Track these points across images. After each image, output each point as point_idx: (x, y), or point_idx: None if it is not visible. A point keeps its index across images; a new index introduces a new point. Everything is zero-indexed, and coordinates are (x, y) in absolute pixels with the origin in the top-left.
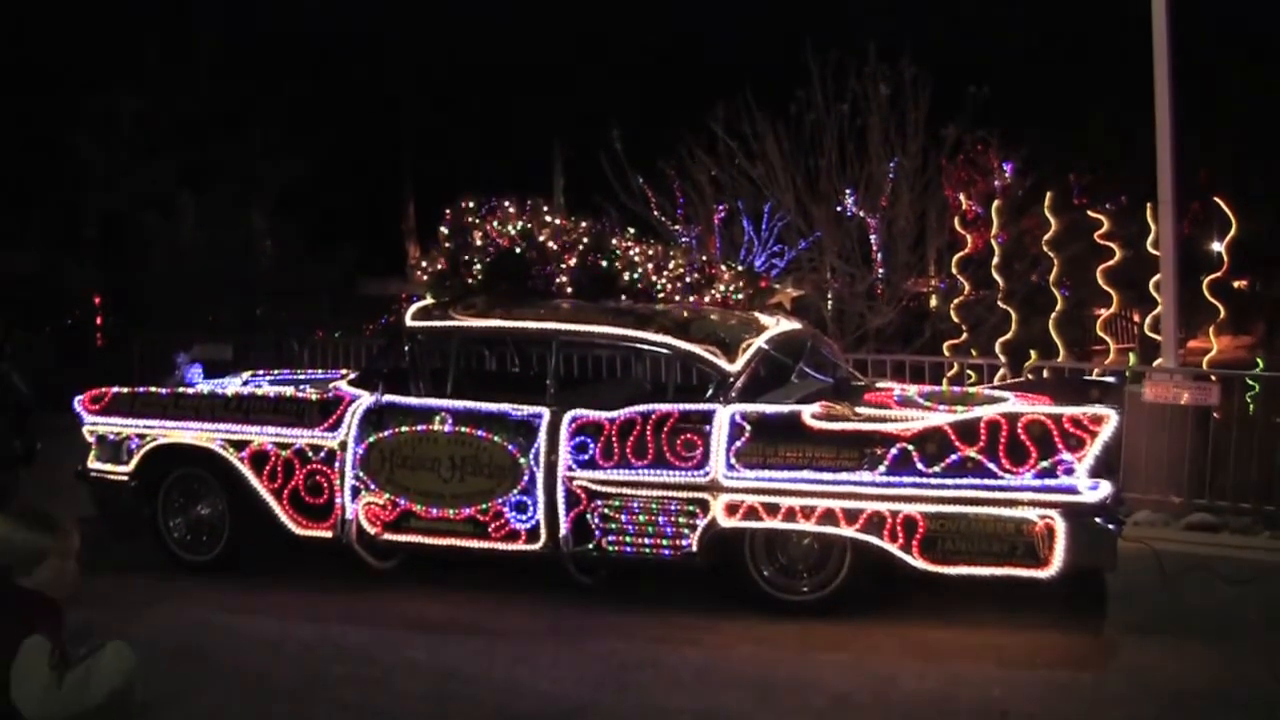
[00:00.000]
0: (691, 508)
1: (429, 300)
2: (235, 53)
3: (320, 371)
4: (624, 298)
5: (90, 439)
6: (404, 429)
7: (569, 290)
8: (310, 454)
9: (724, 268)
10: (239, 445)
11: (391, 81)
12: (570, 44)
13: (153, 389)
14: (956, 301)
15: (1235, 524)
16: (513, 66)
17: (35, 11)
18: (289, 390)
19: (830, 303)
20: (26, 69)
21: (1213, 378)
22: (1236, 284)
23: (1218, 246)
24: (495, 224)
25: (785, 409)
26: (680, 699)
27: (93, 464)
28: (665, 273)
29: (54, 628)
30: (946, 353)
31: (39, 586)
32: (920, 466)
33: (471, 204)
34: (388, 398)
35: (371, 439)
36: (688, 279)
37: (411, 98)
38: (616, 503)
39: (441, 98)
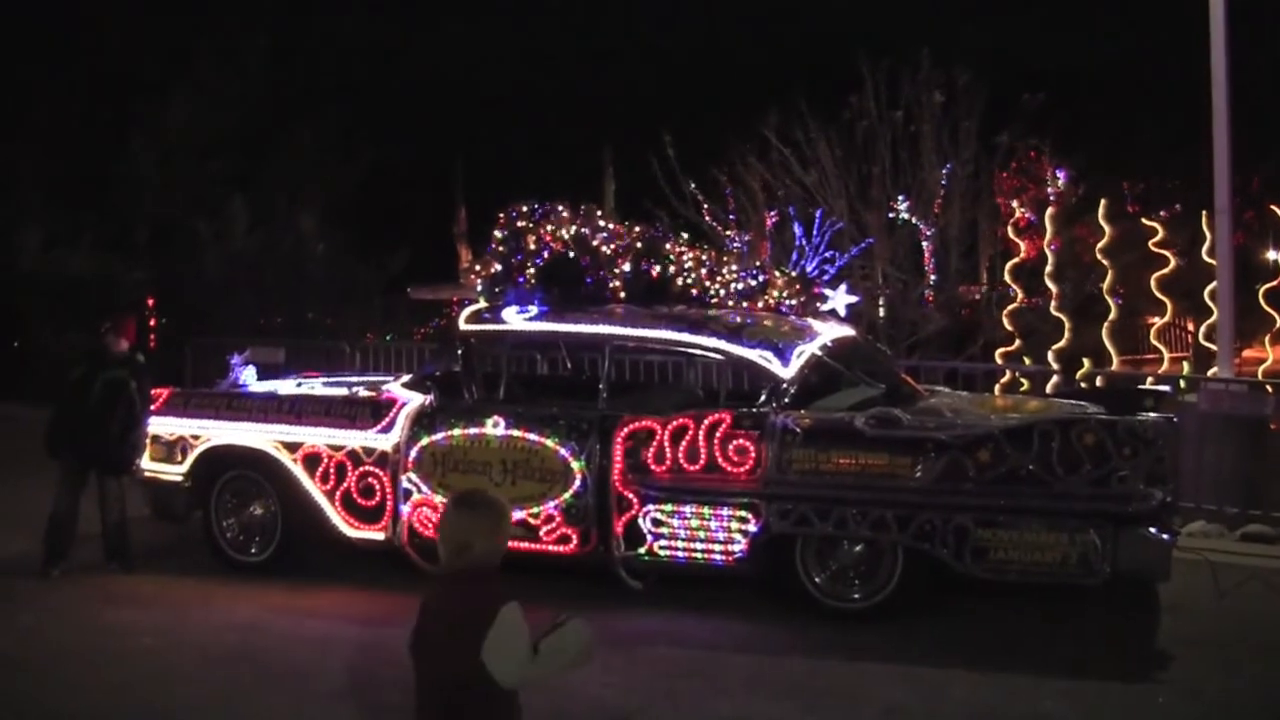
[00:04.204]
0: (743, 513)
1: (482, 304)
2: (287, 58)
3: (372, 375)
4: (677, 303)
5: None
6: (456, 432)
7: (622, 295)
8: (363, 456)
9: (777, 274)
10: (292, 447)
11: (443, 86)
12: (622, 50)
13: (206, 391)
14: (1009, 309)
15: None
16: (564, 72)
17: (90, 18)
18: (341, 393)
19: (882, 309)
20: (82, 74)
21: (1268, 388)
22: None
23: (1274, 255)
24: (548, 228)
25: (838, 415)
26: (729, 707)
27: (147, 464)
28: (718, 278)
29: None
30: (999, 360)
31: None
32: (972, 474)
33: (524, 209)
34: (440, 401)
35: (424, 442)
36: (740, 284)
37: (463, 103)
38: (668, 507)
39: (493, 103)
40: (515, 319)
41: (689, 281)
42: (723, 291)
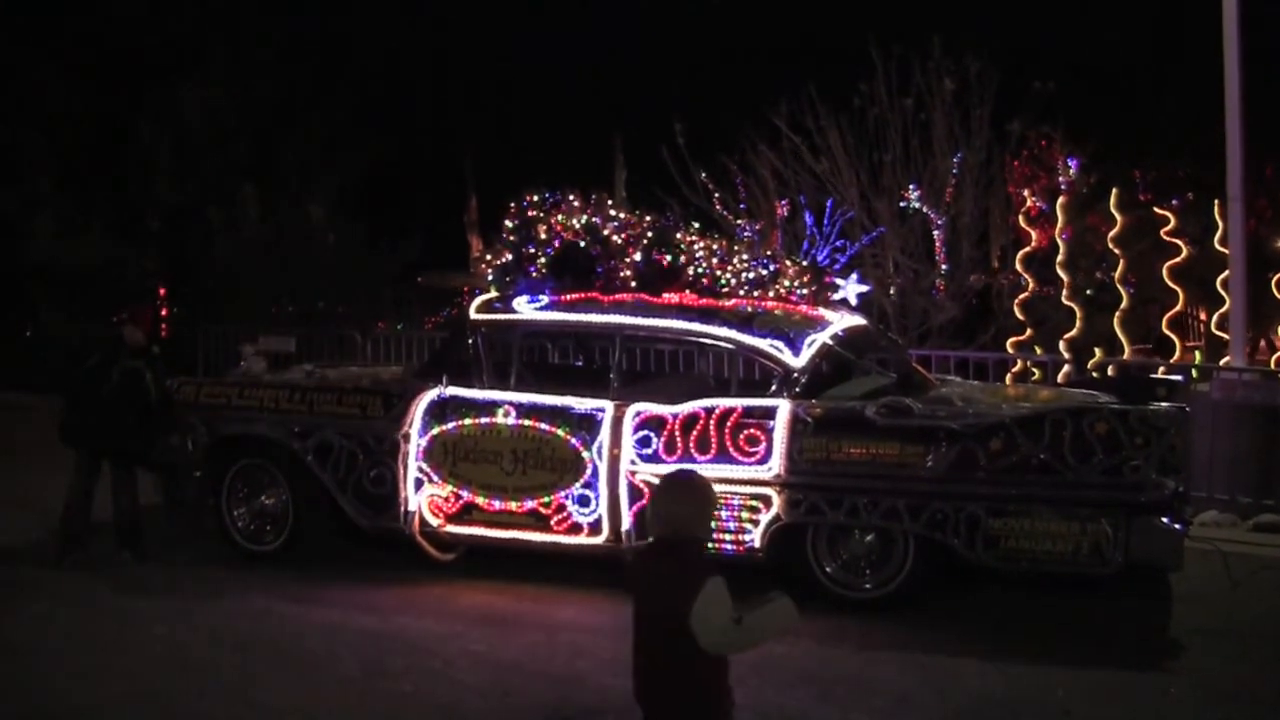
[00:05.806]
0: (754, 503)
1: (493, 293)
2: (299, 46)
3: (382, 364)
4: (688, 292)
5: None
6: (467, 421)
7: (633, 284)
8: (374, 445)
9: (788, 263)
10: (303, 436)
11: (453, 75)
12: (632, 37)
13: (218, 380)
14: (1020, 298)
15: None
16: (574, 60)
17: (103, 3)
18: (352, 382)
19: (893, 298)
20: (94, 61)
21: None
22: None
23: None
24: (559, 218)
25: (849, 404)
26: (740, 696)
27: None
28: (729, 267)
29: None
30: (1010, 349)
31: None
32: (984, 463)
33: (535, 198)
34: (451, 390)
35: (435, 431)
36: (752, 273)
37: (474, 91)
38: None
39: (504, 91)
40: (526, 308)
41: (700, 270)
42: (734, 280)
